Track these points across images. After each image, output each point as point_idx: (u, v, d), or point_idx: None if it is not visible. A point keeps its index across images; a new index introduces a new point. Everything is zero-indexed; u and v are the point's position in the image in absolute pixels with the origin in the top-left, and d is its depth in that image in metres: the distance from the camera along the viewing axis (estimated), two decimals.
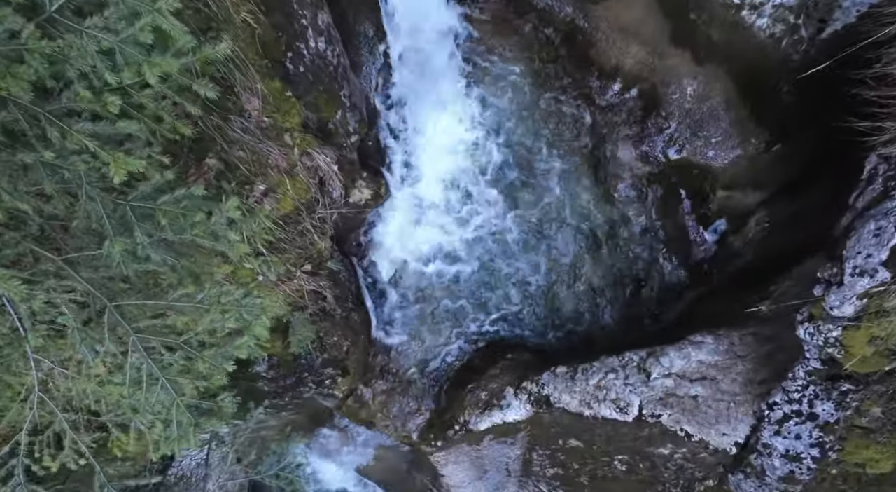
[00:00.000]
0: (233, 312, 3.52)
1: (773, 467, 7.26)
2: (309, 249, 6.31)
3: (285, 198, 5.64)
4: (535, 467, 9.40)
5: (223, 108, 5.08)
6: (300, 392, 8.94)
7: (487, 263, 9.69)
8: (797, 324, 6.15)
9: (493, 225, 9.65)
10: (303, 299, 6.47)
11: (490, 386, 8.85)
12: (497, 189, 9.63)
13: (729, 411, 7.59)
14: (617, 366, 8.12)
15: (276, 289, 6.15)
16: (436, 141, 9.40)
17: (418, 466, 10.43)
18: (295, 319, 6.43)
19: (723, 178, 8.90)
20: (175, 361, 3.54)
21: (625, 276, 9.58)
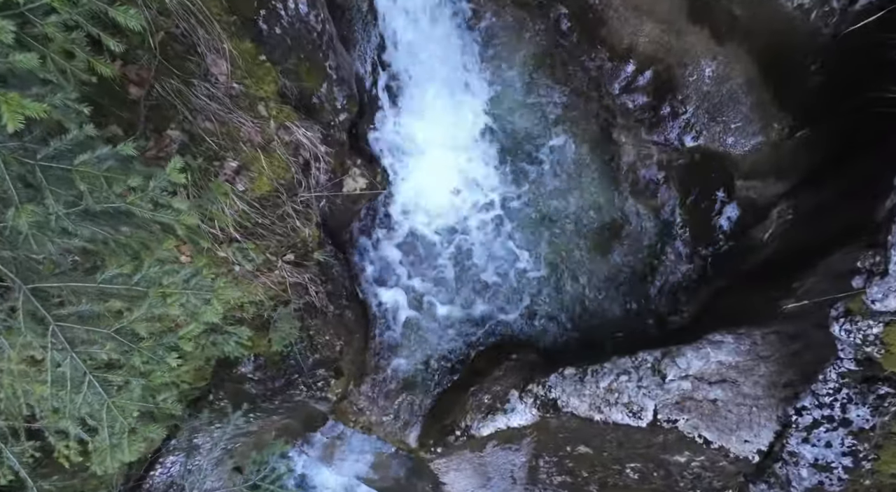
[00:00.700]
0: (177, 296, 2.90)
1: (800, 478, 6.65)
2: (291, 237, 5.70)
3: (261, 177, 5.04)
4: (541, 475, 8.80)
5: (184, 70, 4.47)
6: (291, 395, 8.35)
7: (490, 258, 9.06)
8: (831, 320, 5.52)
9: (497, 217, 9.05)
10: (286, 293, 5.85)
11: (493, 389, 8.24)
12: (501, 179, 9.04)
13: (751, 417, 6.99)
14: (630, 367, 7.52)
15: (255, 280, 5.53)
16: (436, 127, 8.81)
17: (418, 473, 9.83)
18: (277, 314, 5.81)
19: (743, 166, 8.30)
20: (106, 355, 2.92)
21: (637, 271, 8.98)
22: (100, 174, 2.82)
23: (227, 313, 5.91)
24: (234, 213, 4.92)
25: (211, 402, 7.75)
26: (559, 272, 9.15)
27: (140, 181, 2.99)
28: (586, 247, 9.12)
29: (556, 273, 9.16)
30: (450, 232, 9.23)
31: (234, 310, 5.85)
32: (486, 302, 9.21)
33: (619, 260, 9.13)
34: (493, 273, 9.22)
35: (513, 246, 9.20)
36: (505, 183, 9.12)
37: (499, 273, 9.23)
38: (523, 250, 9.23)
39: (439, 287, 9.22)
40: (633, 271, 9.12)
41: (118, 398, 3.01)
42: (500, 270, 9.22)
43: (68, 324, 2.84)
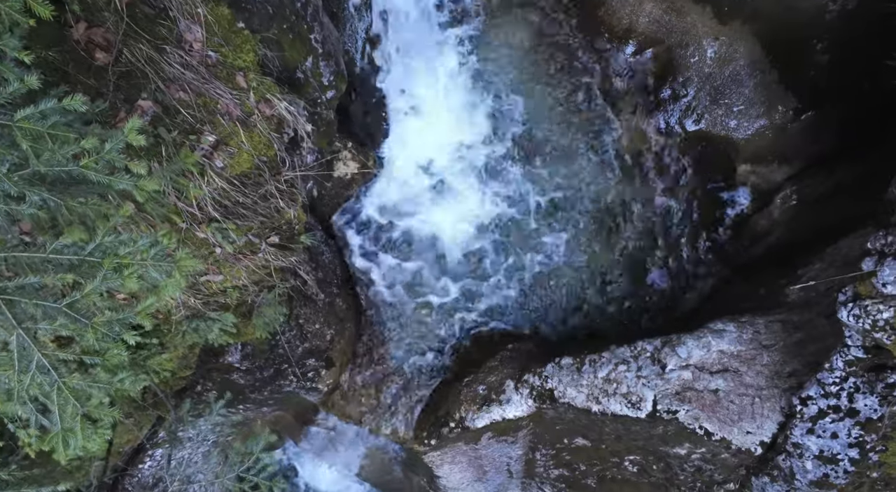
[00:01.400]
0: (134, 268, 2.63)
1: (805, 470, 6.41)
2: (275, 219, 5.44)
3: (241, 153, 4.78)
4: (538, 468, 8.59)
5: (155, 35, 4.20)
6: (280, 386, 8.10)
7: (485, 246, 8.79)
8: (838, 305, 5.27)
9: (493, 205, 8.79)
10: (271, 277, 5.59)
11: (488, 379, 8.00)
12: (496, 166, 8.73)
13: (753, 407, 6.77)
14: (628, 357, 7.28)
15: (238, 264, 5.27)
16: (430, 111, 8.52)
17: (413, 466, 9.60)
18: (260, 299, 5.55)
19: (745, 151, 8.06)
20: (56, 330, 2.65)
21: (636, 260, 8.74)
22: (44, 131, 2.56)
23: (210, 299, 5.65)
24: (213, 191, 4.65)
25: (198, 392, 7.51)
26: (555, 261, 8.88)
27: (95, 143, 2.73)
28: (583, 235, 8.85)
29: (552, 262, 8.90)
30: (442, 216, 8.96)
31: (217, 295, 5.59)
32: (481, 292, 8.97)
33: (617, 248, 8.89)
34: (489, 262, 8.97)
35: (509, 235, 8.91)
36: (501, 169, 8.83)
37: (494, 262, 8.96)
38: (516, 240, 8.96)
39: (434, 276, 8.97)
40: (631, 261, 8.87)
41: (69, 379, 2.75)
42: (495, 259, 8.96)
43: (15, 298, 2.58)
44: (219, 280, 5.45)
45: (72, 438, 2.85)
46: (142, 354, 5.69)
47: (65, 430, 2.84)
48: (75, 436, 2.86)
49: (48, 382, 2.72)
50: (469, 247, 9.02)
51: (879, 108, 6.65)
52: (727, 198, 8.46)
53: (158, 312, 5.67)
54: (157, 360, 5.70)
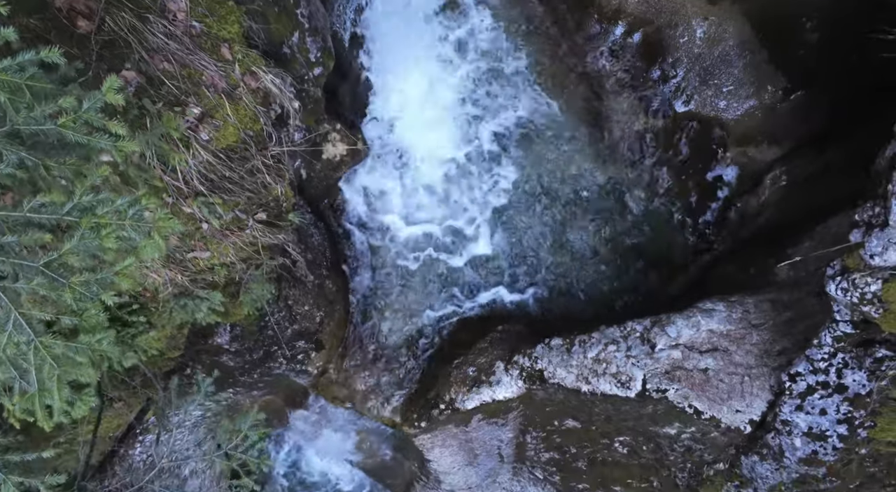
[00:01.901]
0: (112, 228, 2.60)
1: (794, 448, 6.42)
2: (262, 195, 5.40)
3: (226, 126, 4.74)
4: (529, 451, 8.64)
5: (138, 4, 4.16)
6: (269, 368, 8.08)
7: (475, 229, 8.76)
8: (826, 279, 5.26)
9: (483, 188, 8.77)
10: (259, 255, 5.55)
11: (478, 361, 7.98)
12: (486, 148, 8.71)
13: (743, 386, 6.77)
14: (618, 337, 7.27)
15: (225, 240, 5.24)
16: (419, 93, 8.51)
17: (404, 450, 9.60)
18: (248, 275, 5.51)
19: (735, 132, 8.05)
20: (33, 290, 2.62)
21: (627, 242, 8.72)
22: (22, 83, 2.52)
23: (198, 276, 5.62)
24: (199, 164, 4.61)
25: (188, 375, 7.47)
26: (546, 244, 8.87)
27: (72, 102, 2.69)
28: (573, 218, 8.83)
29: (543, 245, 8.89)
30: (434, 200, 8.92)
31: (205, 273, 5.56)
32: (472, 274, 8.95)
33: (607, 232, 8.88)
34: (478, 245, 8.93)
35: (498, 217, 8.89)
36: (490, 152, 8.81)
37: (484, 245, 8.93)
38: (509, 222, 8.92)
39: (424, 259, 8.94)
40: (622, 243, 8.87)
41: (46, 338, 2.72)
42: (484, 241, 8.91)
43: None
44: (206, 257, 5.41)
45: (49, 398, 2.81)
46: (129, 332, 5.66)
47: (41, 390, 2.80)
48: (52, 396, 2.82)
49: (25, 341, 2.69)
50: (459, 229, 8.98)
51: (869, 85, 6.62)
52: (716, 180, 8.42)
53: (145, 290, 5.64)
54: (145, 338, 5.67)
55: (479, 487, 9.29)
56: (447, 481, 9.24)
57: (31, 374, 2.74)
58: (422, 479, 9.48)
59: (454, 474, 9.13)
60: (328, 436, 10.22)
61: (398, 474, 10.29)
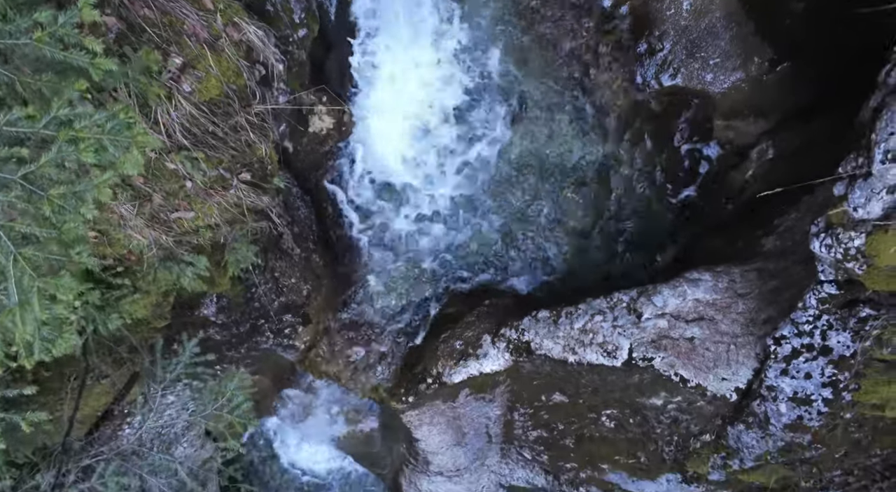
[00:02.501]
0: (90, 142, 2.58)
1: (779, 414, 6.44)
2: (246, 154, 5.38)
3: (209, 78, 4.72)
4: (517, 430, 8.68)
5: None
6: (257, 342, 8.05)
7: (462, 204, 8.77)
8: (811, 238, 5.28)
9: (468, 163, 8.77)
10: (243, 217, 5.53)
11: (465, 335, 7.97)
12: (472, 120, 8.70)
13: (729, 354, 6.78)
14: (604, 307, 7.28)
15: (209, 200, 5.22)
16: (406, 67, 8.48)
17: (391, 430, 9.61)
18: (232, 235, 5.49)
19: (722, 105, 8.05)
20: (11, 202, 2.60)
21: (613, 218, 8.73)
22: None
23: (183, 238, 5.59)
24: (181, 116, 4.59)
25: (174, 351, 7.43)
26: (532, 219, 8.87)
27: (48, 16, 2.68)
28: (560, 192, 8.83)
29: (528, 220, 8.89)
30: (421, 174, 8.92)
31: (190, 235, 5.53)
32: (459, 249, 8.95)
33: (593, 208, 8.88)
34: (465, 220, 8.94)
35: (486, 190, 8.89)
36: (476, 125, 8.80)
37: (471, 220, 8.95)
38: (496, 195, 8.93)
39: (411, 233, 8.94)
40: (608, 219, 8.87)
41: (26, 250, 2.70)
42: (472, 217, 8.95)
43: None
44: (190, 217, 5.39)
45: (28, 310, 2.79)
46: (113, 295, 5.63)
47: (21, 303, 2.78)
48: (33, 309, 2.80)
49: (3, 253, 2.67)
50: (444, 204, 8.96)
51: (855, 56, 6.62)
52: (704, 154, 8.42)
53: (130, 252, 5.61)
54: (130, 300, 5.65)
55: (467, 469, 9.29)
56: (435, 463, 9.25)
57: (10, 284, 2.71)
58: (410, 462, 9.46)
59: (442, 454, 9.11)
60: (317, 417, 10.22)
61: (387, 462, 10.44)
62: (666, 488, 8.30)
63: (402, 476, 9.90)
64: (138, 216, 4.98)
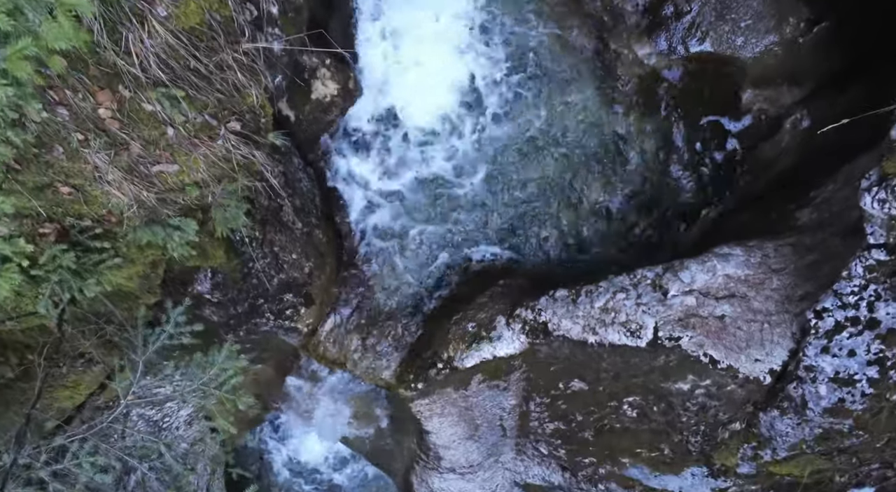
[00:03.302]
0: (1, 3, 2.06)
1: (818, 397, 5.89)
2: (235, 100, 4.88)
3: (188, 2, 4.18)
4: (532, 422, 8.20)
5: None
6: (256, 324, 7.55)
7: (476, 180, 8.27)
8: (861, 193, 4.75)
9: (484, 137, 8.28)
10: (235, 173, 5.02)
11: (478, 316, 7.46)
12: (489, 91, 8.21)
13: (762, 334, 6.25)
14: (627, 285, 6.77)
15: (195, 151, 4.70)
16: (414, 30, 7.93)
17: (401, 423, 9.20)
18: (220, 191, 4.97)
19: (753, 72, 7.57)
20: None
21: (636, 194, 8.21)
22: None
23: (167, 196, 5.08)
24: (156, 45, 4.07)
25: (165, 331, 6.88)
26: (549, 194, 8.38)
27: None
28: (579, 168, 8.30)
29: (545, 195, 8.40)
30: (433, 148, 8.40)
31: (175, 192, 5.03)
32: (472, 226, 8.42)
33: (615, 184, 8.37)
34: (481, 195, 8.45)
35: (501, 166, 8.45)
36: (493, 96, 8.31)
37: (486, 196, 8.47)
38: (511, 171, 8.48)
39: (421, 209, 8.43)
40: (630, 195, 8.36)
41: None
42: (487, 191, 8.48)
43: None
44: (173, 171, 4.89)
45: None
46: (91, 259, 5.14)
47: None
48: None
49: None
50: (457, 180, 8.44)
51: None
52: (731, 125, 7.91)
53: (109, 213, 5.12)
54: (110, 264, 5.14)
55: (481, 466, 8.83)
56: (447, 458, 8.74)
57: None
58: (421, 458, 9.00)
59: (454, 448, 8.60)
60: (322, 410, 9.69)
61: (398, 458, 9.85)
62: (690, 483, 7.84)
63: (413, 474, 9.43)
64: (115, 167, 4.48)
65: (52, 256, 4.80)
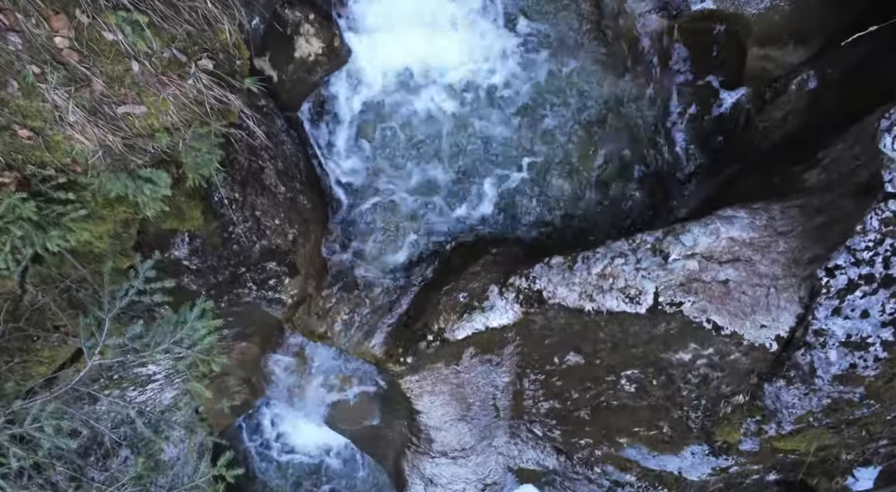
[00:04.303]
0: None
1: (828, 363, 5.56)
2: (206, 35, 4.51)
3: None
4: (526, 401, 7.96)
5: None
6: (238, 295, 7.20)
7: (469, 144, 7.91)
8: (880, 134, 4.37)
9: (476, 96, 7.90)
10: (208, 117, 4.63)
11: (470, 286, 7.14)
12: (480, 51, 7.83)
13: (769, 299, 5.95)
14: (626, 250, 6.44)
15: (163, 91, 4.32)
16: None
17: (391, 405, 8.85)
18: (190, 134, 4.58)
19: (758, 30, 7.27)
20: None
21: (634, 160, 7.87)
22: None
23: (135, 143, 4.70)
24: None
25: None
26: (544, 161, 8.03)
27: None
28: (575, 133, 7.93)
29: (540, 162, 8.01)
30: (424, 108, 8.00)
31: (143, 139, 4.64)
32: (463, 194, 8.08)
33: (613, 150, 8.05)
34: (472, 163, 8.10)
35: (494, 131, 8.08)
36: (484, 55, 7.92)
37: (478, 163, 8.11)
38: (505, 136, 8.09)
39: (411, 175, 8.06)
40: (629, 161, 8.02)
41: None
42: (479, 159, 8.11)
43: None
44: (141, 113, 4.51)
45: None
46: (54, 210, 4.76)
47: None
48: None
49: None
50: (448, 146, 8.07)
51: None
52: (734, 87, 7.57)
53: (74, 161, 4.74)
54: (75, 216, 4.77)
55: (473, 450, 8.58)
56: (439, 440, 8.48)
57: None
58: (412, 442, 8.79)
59: (446, 430, 8.34)
60: (309, 392, 9.33)
61: (389, 443, 9.55)
62: (690, 463, 7.63)
63: (404, 459, 9.19)
64: (76, 107, 4.08)
65: (12, 205, 4.42)
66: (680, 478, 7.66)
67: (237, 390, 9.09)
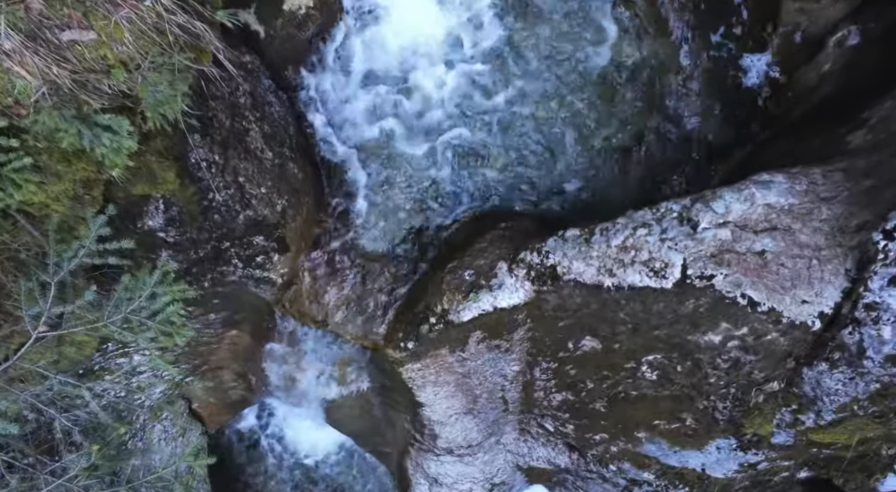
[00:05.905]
0: None
1: (880, 342, 5.00)
2: None
3: None
4: (537, 393, 7.39)
5: None
6: (223, 274, 6.60)
7: (474, 112, 7.35)
8: None
9: (483, 63, 7.38)
10: (171, 49, 3.95)
11: (476, 263, 6.58)
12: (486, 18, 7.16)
13: (810, 271, 5.44)
14: (650, 219, 5.87)
15: (116, 13, 3.63)
16: None
17: (392, 399, 8.30)
18: (150, 60, 3.88)
19: None
20: None
21: (656, 128, 7.34)
22: None
23: (87, 80, 4.00)
24: None
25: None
26: (556, 132, 7.43)
27: None
28: (591, 102, 7.33)
29: (552, 131, 7.45)
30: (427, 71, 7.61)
31: (97, 74, 3.95)
32: (469, 164, 7.56)
33: (634, 113, 7.50)
34: (477, 131, 7.51)
35: (500, 96, 7.62)
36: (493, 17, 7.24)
37: (484, 131, 7.55)
38: (511, 104, 7.64)
39: (414, 143, 7.55)
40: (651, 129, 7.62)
41: None
42: (486, 126, 7.58)
43: None
44: (90, 41, 3.83)
45: None
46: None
47: None
48: None
49: None
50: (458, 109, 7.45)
51: None
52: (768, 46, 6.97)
53: (17, 103, 4.08)
54: (18, 166, 4.08)
55: (480, 447, 8.12)
56: (444, 436, 7.98)
57: None
58: (416, 439, 8.32)
59: (451, 425, 7.82)
60: (305, 384, 8.90)
61: (391, 442, 9.16)
62: (715, 458, 7.07)
63: (407, 458, 8.72)
64: (10, 30, 3.38)
65: None
66: (703, 475, 7.13)
67: (233, 386, 8.49)
